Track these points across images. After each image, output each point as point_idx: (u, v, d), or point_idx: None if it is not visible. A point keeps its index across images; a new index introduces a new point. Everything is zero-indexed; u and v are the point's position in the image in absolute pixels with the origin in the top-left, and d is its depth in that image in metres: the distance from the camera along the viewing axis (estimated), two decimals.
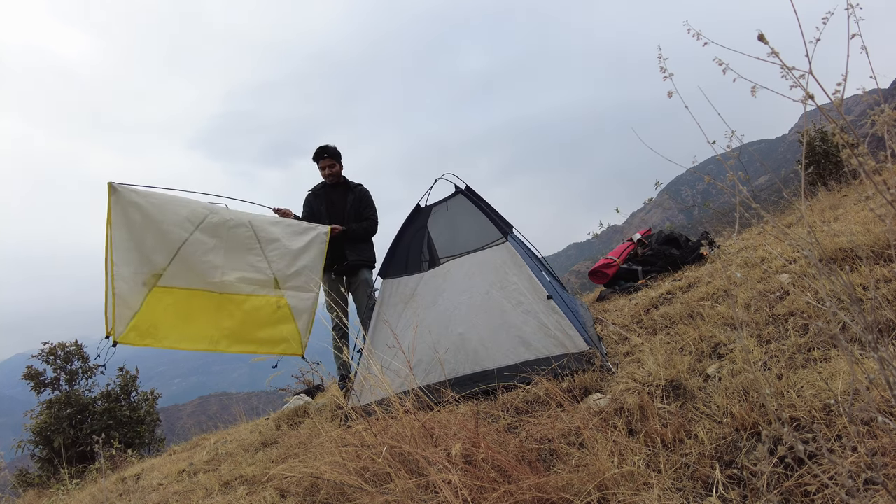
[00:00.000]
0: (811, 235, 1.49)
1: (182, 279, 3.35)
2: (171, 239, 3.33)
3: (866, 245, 2.77)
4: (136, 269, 3.23)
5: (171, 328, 3.32)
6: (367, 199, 4.43)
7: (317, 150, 4.34)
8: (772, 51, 1.22)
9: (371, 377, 2.98)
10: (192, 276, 3.38)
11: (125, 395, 9.68)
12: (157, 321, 3.27)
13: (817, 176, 6.50)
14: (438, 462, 1.80)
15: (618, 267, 5.11)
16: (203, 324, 3.41)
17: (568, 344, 2.87)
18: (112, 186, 3.18)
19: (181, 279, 3.35)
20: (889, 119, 1.13)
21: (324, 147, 4.33)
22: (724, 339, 2.54)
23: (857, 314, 1.22)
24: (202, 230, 3.42)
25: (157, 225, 3.28)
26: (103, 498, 4.15)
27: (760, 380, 1.89)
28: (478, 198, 3.65)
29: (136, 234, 3.23)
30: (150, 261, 3.28)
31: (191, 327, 3.38)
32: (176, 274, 3.33)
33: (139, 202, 3.24)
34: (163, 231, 3.29)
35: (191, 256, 3.37)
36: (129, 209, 3.22)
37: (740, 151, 1.47)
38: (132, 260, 3.22)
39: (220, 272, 3.44)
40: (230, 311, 3.46)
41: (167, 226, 3.31)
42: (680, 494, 1.55)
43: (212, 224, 3.47)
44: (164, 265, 3.30)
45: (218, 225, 3.49)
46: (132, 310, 3.20)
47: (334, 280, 4.23)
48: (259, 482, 2.89)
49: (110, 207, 3.17)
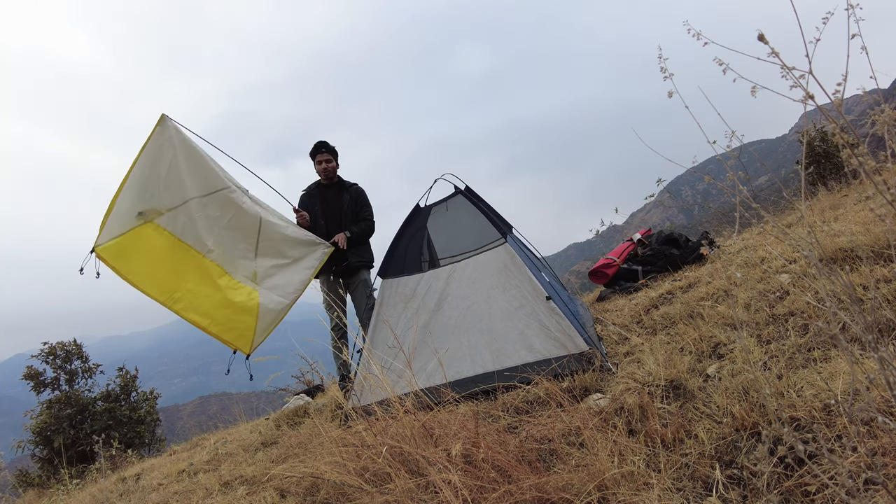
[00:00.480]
0: (811, 235, 1.49)
1: (177, 227, 3.41)
2: (186, 188, 3.42)
3: (866, 245, 2.77)
4: (143, 197, 3.33)
5: (144, 265, 3.33)
6: (364, 200, 4.40)
7: (315, 144, 4.30)
8: (772, 51, 1.22)
9: (371, 377, 2.98)
10: (188, 229, 3.43)
11: (125, 395, 9.69)
12: (136, 252, 3.30)
13: (817, 176, 6.50)
14: (438, 462, 1.80)
15: (618, 267, 5.11)
16: (173, 277, 3.39)
17: (568, 344, 2.87)
18: (164, 118, 3.38)
19: (177, 227, 3.41)
20: (889, 119, 1.13)
21: (322, 142, 4.30)
22: (724, 339, 2.54)
23: (857, 314, 1.22)
24: (214, 198, 3.51)
25: (181, 171, 3.40)
26: (103, 498, 4.15)
27: (760, 380, 1.89)
28: (477, 198, 3.65)
29: (159, 169, 3.35)
30: (159, 197, 3.37)
31: (161, 274, 3.37)
32: (174, 220, 3.40)
33: (178, 144, 3.39)
34: (182, 179, 3.41)
35: (194, 213, 3.45)
36: (166, 146, 3.37)
37: (740, 151, 1.47)
38: (145, 187, 3.34)
39: (212, 240, 3.49)
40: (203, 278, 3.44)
41: (189, 176, 3.43)
42: (680, 494, 1.55)
43: (226, 198, 3.55)
44: (169, 207, 3.38)
45: (230, 202, 3.57)
46: (121, 230, 3.26)
47: (332, 281, 4.21)
48: (259, 482, 2.89)
49: (151, 137, 3.32)
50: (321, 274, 4.16)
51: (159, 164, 3.37)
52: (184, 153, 3.44)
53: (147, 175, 3.36)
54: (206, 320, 3.41)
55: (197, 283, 3.43)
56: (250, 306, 3.50)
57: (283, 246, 3.76)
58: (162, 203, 3.38)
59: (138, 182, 3.32)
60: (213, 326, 3.43)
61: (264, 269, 3.67)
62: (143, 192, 3.35)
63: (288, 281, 3.71)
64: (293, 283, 3.72)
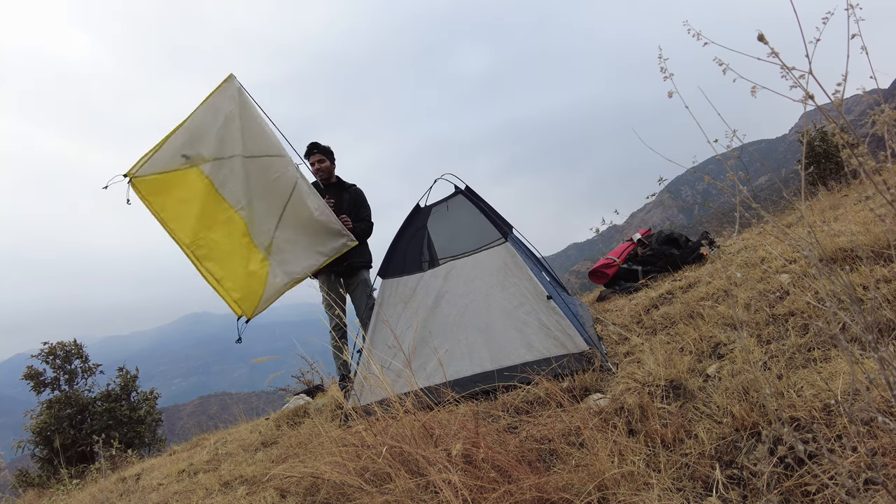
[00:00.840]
0: (811, 235, 1.50)
1: (218, 178, 3.51)
2: (236, 145, 3.55)
3: (866, 245, 2.77)
4: (193, 142, 3.44)
5: (176, 206, 3.38)
6: (363, 200, 4.42)
7: (307, 146, 4.33)
8: (772, 51, 1.22)
9: (371, 377, 2.98)
10: (227, 183, 3.54)
11: (125, 395, 9.68)
12: (172, 192, 3.37)
13: (817, 176, 6.50)
14: (438, 462, 1.80)
15: (618, 267, 5.11)
16: (201, 224, 3.45)
17: (568, 344, 2.87)
18: (232, 76, 3.57)
19: (217, 178, 3.51)
20: (889, 119, 1.13)
21: (314, 143, 4.33)
22: (724, 339, 2.54)
23: (857, 314, 1.22)
24: (260, 162, 3.63)
25: (235, 127, 3.54)
26: (103, 498, 4.15)
27: (760, 380, 1.89)
28: (477, 198, 3.65)
29: (216, 120, 3.49)
30: (208, 146, 3.48)
31: (190, 218, 3.42)
32: (217, 170, 3.50)
33: (239, 102, 3.57)
34: (234, 135, 3.55)
35: (237, 169, 3.55)
36: (227, 101, 3.53)
37: (740, 151, 1.47)
38: (197, 134, 3.44)
39: (246, 200, 3.59)
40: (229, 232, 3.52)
41: (242, 135, 3.57)
42: (680, 494, 1.55)
43: (271, 164, 3.67)
44: (216, 157, 3.49)
45: (273, 169, 3.67)
46: (163, 168, 3.34)
47: (333, 281, 4.22)
48: (259, 482, 2.89)
49: (216, 91, 3.53)
50: (321, 273, 4.17)
51: (216, 117, 3.52)
52: (242, 112, 3.59)
53: (202, 124, 3.49)
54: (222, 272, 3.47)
55: (222, 236, 3.50)
56: (261, 274, 3.58)
57: (306, 224, 3.80)
58: (209, 152, 3.48)
59: (193, 128, 3.45)
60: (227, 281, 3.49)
61: (280, 241, 3.72)
62: (195, 139, 3.46)
63: (297, 260, 3.75)
64: (301, 265, 3.76)
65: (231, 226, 3.51)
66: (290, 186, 3.71)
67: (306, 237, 3.80)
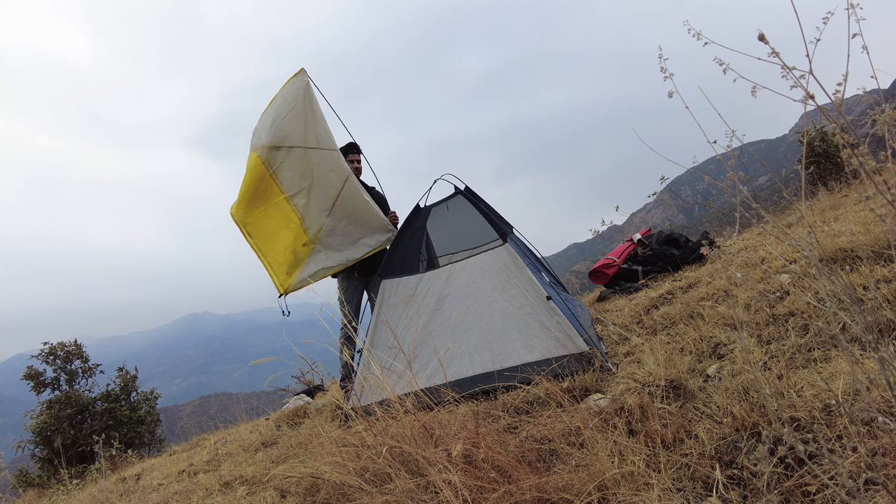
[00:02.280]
0: (811, 235, 1.49)
1: (274, 164, 3.77)
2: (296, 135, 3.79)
3: (866, 245, 2.77)
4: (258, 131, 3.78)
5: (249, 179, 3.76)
6: (386, 202, 4.52)
7: (347, 144, 4.36)
8: (772, 51, 1.22)
9: (371, 377, 2.98)
10: (282, 168, 3.78)
11: (125, 395, 9.68)
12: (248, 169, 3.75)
13: (817, 176, 6.50)
14: (438, 462, 1.80)
15: (618, 267, 5.11)
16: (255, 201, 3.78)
17: (568, 345, 2.87)
18: (303, 71, 3.82)
19: (273, 163, 3.76)
20: (889, 119, 1.13)
21: (354, 143, 4.39)
22: (724, 339, 2.53)
23: (857, 314, 1.22)
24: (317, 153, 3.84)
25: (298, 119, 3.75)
26: (103, 498, 4.14)
27: (760, 380, 1.89)
28: (477, 198, 3.65)
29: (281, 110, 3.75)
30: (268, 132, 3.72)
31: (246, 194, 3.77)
32: (273, 157, 3.75)
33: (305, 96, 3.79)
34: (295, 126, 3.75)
35: (297, 157, 3.79)
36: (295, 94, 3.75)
37: (740, 151, 1.47)
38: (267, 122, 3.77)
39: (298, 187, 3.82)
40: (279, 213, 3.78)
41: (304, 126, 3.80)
42: (680, 494, 1.55)
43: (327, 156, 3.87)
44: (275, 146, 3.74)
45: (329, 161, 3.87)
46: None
47: (356, 278, 4.23)
48: (259, 482, 2.89)
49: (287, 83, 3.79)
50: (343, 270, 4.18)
51: (282, 107, 3.74)
52: (307, 106, 3.79)
53: (272, 114, 3.76)
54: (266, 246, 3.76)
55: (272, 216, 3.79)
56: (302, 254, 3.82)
57: (355, 216, 3.96)
58: (270, 139, 3.72)
59: (267, 117, 3.76)
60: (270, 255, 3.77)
61: (329, 228, 3.91)
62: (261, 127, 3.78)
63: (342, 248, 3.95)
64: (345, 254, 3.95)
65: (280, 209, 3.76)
66: (343, 179, 3.89)
67: (354, 228, 3.97)
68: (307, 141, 3.79)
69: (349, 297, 4.17)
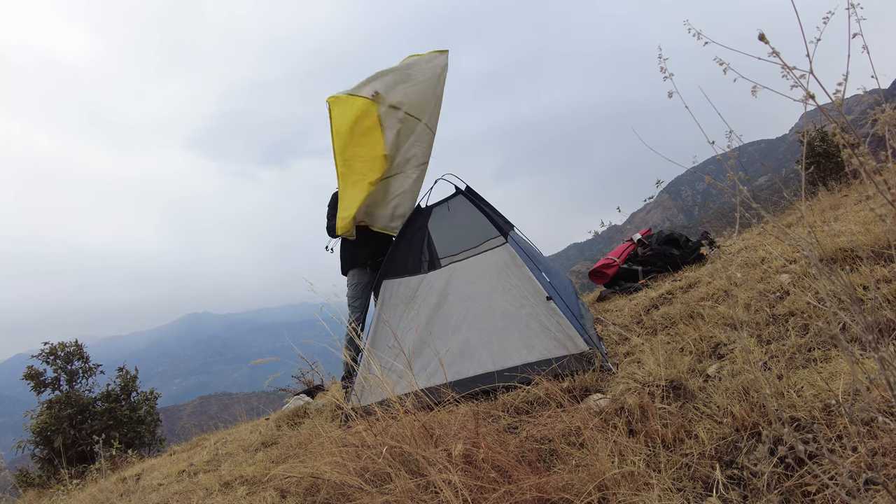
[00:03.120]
0: (811, 235, 1.49)
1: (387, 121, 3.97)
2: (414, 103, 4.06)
3: (866, 245, 2.77)
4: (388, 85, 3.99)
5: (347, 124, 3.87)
6: None
7: None
8: (772, 50, 1.22)
9: (371, 377, 2.98)
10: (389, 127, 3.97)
11: (125, 395, 9.68)
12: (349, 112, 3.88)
13: (818, 176, 6.50)
14: (438, 462, 1.80)
15: (618, 267, 5.11)
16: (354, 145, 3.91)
17: (568, 345, 2.87)
18: (446, 52, 4.31)
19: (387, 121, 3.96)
20: (890, 119, 1.13)
21: None
22: (724, 339, 2.53)
23: (857, 314, 1.22)
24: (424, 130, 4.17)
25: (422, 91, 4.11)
26: (103, 498, 4.15)
27: (761, 380, 1.89)
28: (478, 198, 3.65)
29: (413, 77, 4.08)
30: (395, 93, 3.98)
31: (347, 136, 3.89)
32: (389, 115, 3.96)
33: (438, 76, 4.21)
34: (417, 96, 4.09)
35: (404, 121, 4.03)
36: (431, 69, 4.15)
37: (740, 151, 1.47)
38: (397, 81, 4.02)
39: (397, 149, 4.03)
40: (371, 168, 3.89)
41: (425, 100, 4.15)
42: (680, 494, 1.55)
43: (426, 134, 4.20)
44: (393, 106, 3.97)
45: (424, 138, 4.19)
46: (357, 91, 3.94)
47: (368, 272, 4.18)
48: (259, 482, 2.89)
49: (428, 54, 4.23)
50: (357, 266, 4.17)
51: (415, 75, 4.07)
52: (434, 85, 4.15)
53: (404, 75, 4.05)
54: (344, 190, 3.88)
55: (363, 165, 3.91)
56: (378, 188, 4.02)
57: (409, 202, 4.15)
58: (393, 99, 3.94)
59: (397, 74, 4.03)
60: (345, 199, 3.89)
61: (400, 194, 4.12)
62: (392, 83, 3.99)
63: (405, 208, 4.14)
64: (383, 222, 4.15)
65: (375, 163, 3.90)
66: (426, 158, 4.17)
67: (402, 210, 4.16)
68: (424, 115, 4.12)
69: (358, 292, 4.12)
